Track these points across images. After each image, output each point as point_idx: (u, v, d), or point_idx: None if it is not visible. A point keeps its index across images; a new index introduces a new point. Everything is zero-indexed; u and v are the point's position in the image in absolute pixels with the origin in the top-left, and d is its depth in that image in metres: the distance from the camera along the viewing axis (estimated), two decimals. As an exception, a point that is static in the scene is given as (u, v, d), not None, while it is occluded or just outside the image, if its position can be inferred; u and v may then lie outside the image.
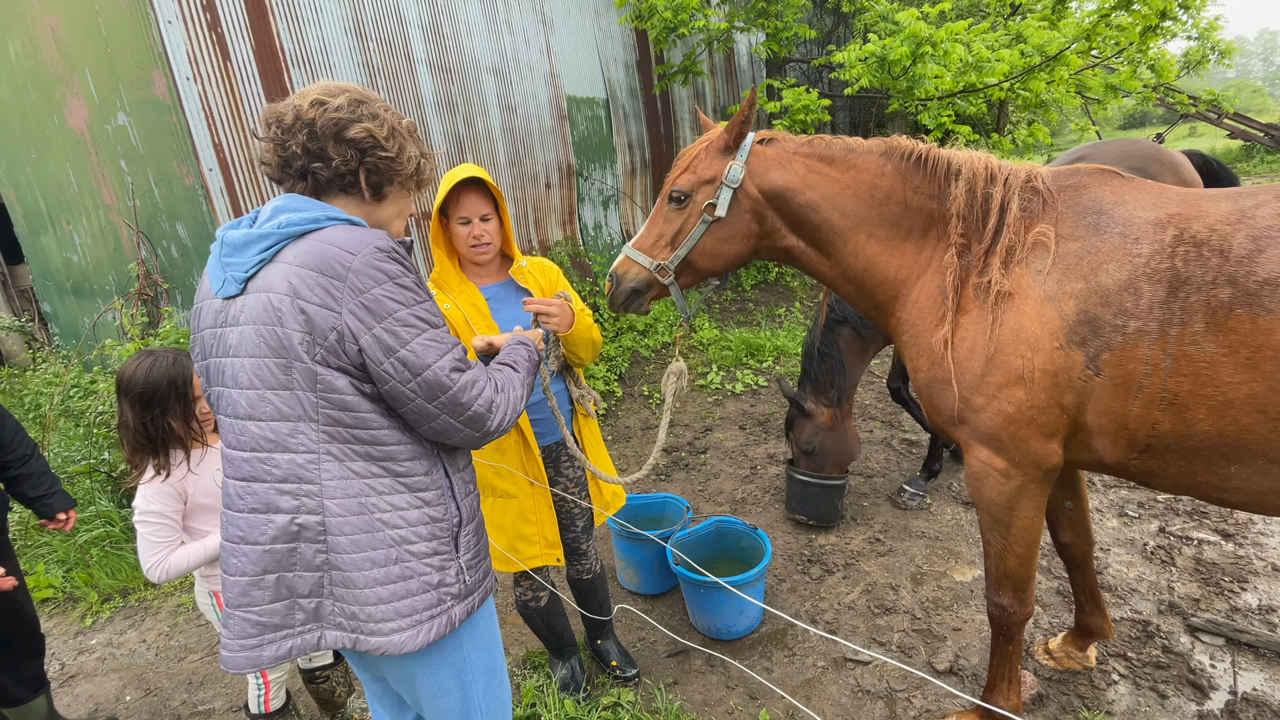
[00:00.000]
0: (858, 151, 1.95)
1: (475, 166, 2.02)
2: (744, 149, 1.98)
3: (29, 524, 3.98)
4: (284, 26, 4.54)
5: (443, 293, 2.08)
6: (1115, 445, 1.67)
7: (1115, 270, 1.59)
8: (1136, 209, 1.64)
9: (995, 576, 1.96)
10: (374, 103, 1.31)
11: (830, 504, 3.45)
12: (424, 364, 1.22)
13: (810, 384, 3.48)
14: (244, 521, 1.26)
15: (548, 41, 6.82)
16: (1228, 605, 2.66)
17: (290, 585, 1.27)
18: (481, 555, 1.43)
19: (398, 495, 1.28)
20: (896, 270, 1.92)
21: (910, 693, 2.41)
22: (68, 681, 3.04)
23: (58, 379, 4.84)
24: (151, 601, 3.56)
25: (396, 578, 1.28)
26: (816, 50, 10.21)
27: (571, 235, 7.23)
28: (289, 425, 1.23)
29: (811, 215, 1.96)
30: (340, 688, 2.44)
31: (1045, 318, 1.66)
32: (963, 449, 1.89)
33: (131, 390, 1.91)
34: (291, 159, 1.25)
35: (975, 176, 1.80)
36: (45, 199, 5.85)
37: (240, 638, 1.27)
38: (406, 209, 1.45)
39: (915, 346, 1.89)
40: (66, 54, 4.82)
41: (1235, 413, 1.47)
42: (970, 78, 6.09)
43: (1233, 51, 9.96)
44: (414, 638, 1.28)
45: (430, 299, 1.28)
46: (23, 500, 2.35)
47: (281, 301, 1.18)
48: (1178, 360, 1.50)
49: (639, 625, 2.91)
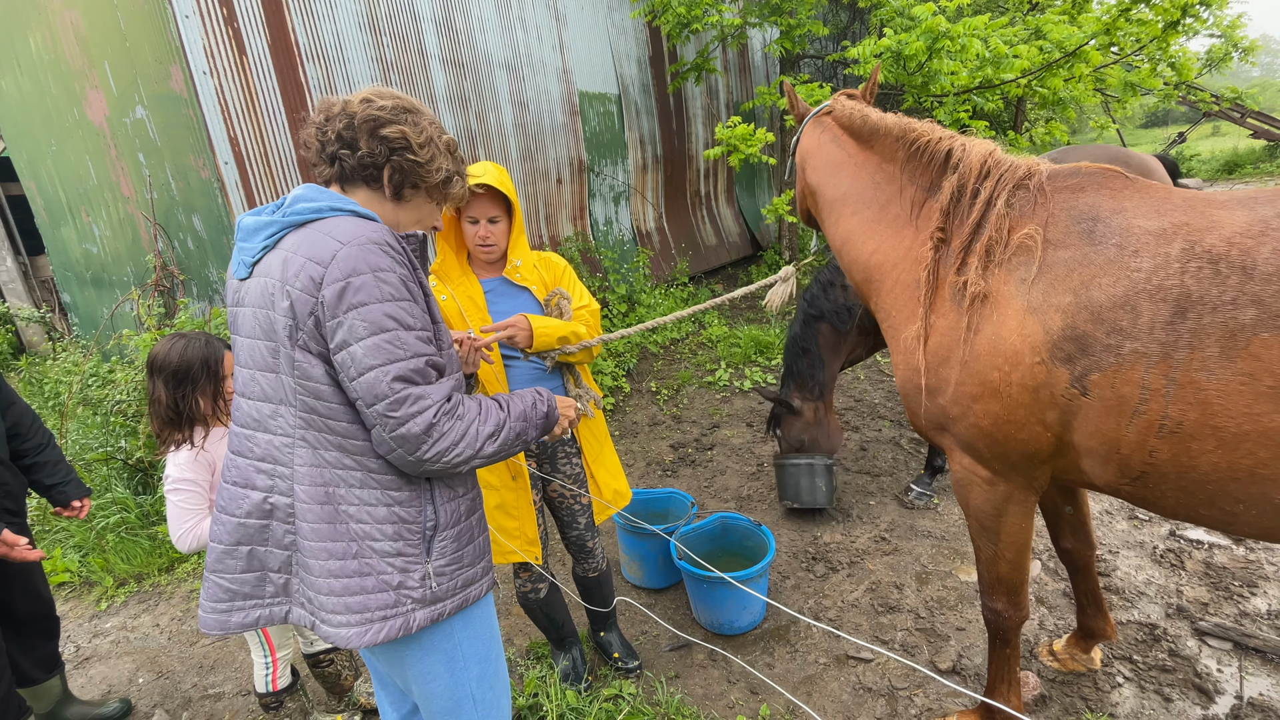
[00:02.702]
0: (880, 131, 1.98)
1: (493, 168, 2.02)
2: (804, 122, 2.31)
3: (47, 510, 4.06)
4: (299, 21, 4.58)
5: (442, 283, 2.10)
6: (1105, 468, 1.53)
7: (1110, 285, 1.44)
8: (1136, 217, 1.49)
9: (988, 582, 1.93)
10: (420, 114, 1.33)
11: (813, 484, 3.46)
12: (367, 365, 1.17)
13: (794, 380, 3.52)
14: (226, 492, 1.33)
15: (560, 37, 6.82)
16: (1236, 610, 2.63)
17: (262, 559, 1.33)
18: (463, 563, 1.37)
19: (368, 490, 1.27)
20: (871, 253, 1.91)
21: (912, 691, 2.41)
22: (82, 663, 3.11)
23: (76, 368, 4.92)
24: (165, 587, 3.63)
25: (353, 572, 1.27)
26: (831, 46, 10.14)
27: (582, 231, 7.24)
28: (271, 407, 1.28)
29: (812, 179, 2.17)
30: (346, 671, 2.47)
31: (1027, 330, 1.53)
32: (947, 455, 1.84)
33: (166, 368, 2.00)
34: (326, 144, 1.30)
35: (969, 171, 1.73)
36: (65, 191, 5.95)
37: (212, 600, 1.33)
38: (429, 219, 1.44)
39: (892, 340, 1.86)
40: (86, 48, 4.90)
41: (1250, 446, 1.30)
42: (987, 73, 6.02)
43: (1256, 49, 9.76)
44: (361, 635, 1.27)
45: (412, 299, 1.24)
46: (38, 488, 2.39)
47: (274, 286, 1.22)
48: (1183, 387, 1.35)
49: (642, 619, 2.93)
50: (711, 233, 9.23)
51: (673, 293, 7.54)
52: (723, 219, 9.49)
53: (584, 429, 2.30)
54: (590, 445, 2.32)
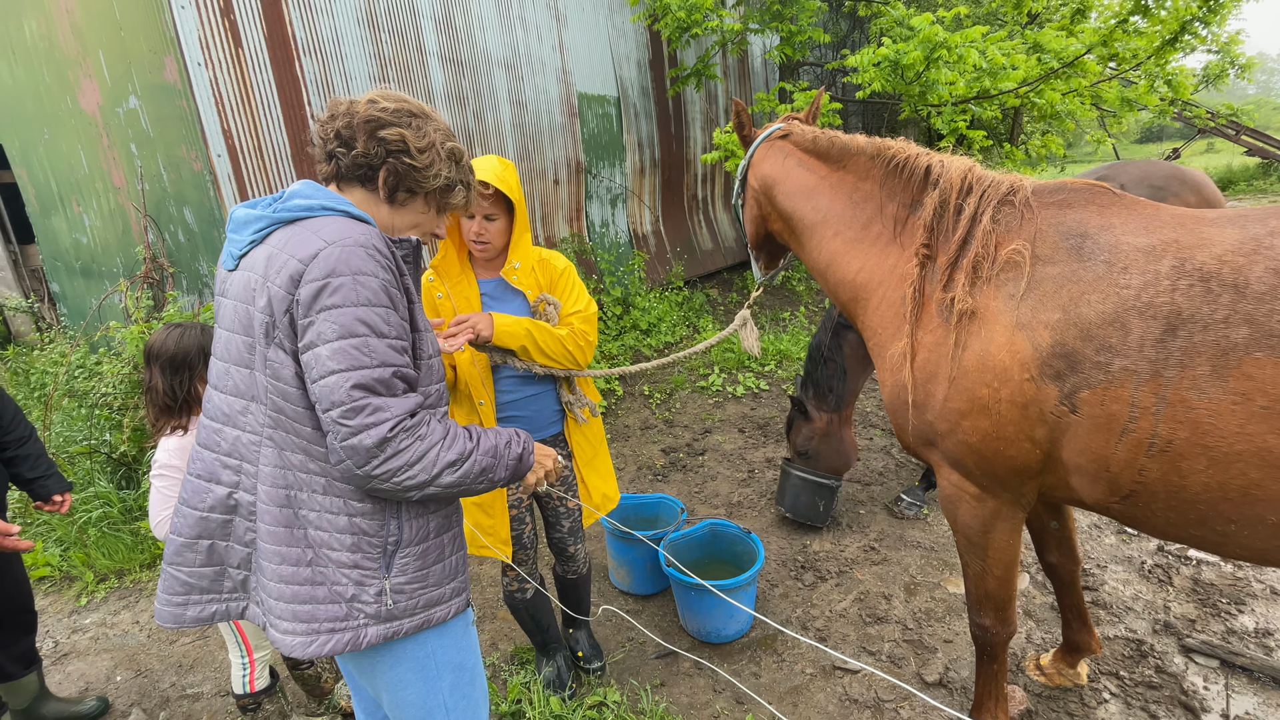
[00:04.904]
0: (851, 151, 2.00)
1: (497, 163, 1.96)
2: (753, 146, 2.34)
3: (28, 503, 4.00)
4: (297, 15, 4.55)
5: (440, 280, 2.09)
6: (1095, 486, 1.52)
7: (1099, 302, 1.44)
8: (1125, 233, 1.48)
9: (976, 597, 1.92)
10: (426, 120, 1.31)
11: (812, 502, 3.41)
12: (329, 368, 1.13)
13: (811, 387, 3.45)
14: (190, 485, 1.31)
15: (560, 37, 6.81)
16: (1224, 627, 2.63)
17: (222, 554, 1.31)
18: (427, 583, 1.31)
19: (330, 498, 1.24)
20: (857, 272, 1.92)
21: (898, 704, 2.39)
22: (60, 659, 3.06)
23: (63, 359, 4.87)
24: (146, 584, 3.58)
25: (305, 580, 1.24)
26: (831, 54, 10.17)
27: (578, 232, 7.22)
28: (242, 403, 1.26)
29: (786, 204, 2.17)
30: (326, 674, 2.44)
31: (1015, 346, 1.52)
32: (934, 470, 1.83)
33: (162, 356, 2.01)
34: (327, 141, 1.29)
35: (950, 187, 1.73)
36: (57, 180, 5.89)
37: (169, 593, 1.32)
38: (427, 225, 1.41)
39: (879, 358, 1.86)
40: (81, 36, 4.85)
41: (1243, 466, 1.28)
42: (985, 83, 6.04)
43: (1253, 67, 9.85)
44: (306, 645, 1.23)
45: (391, 306, 1.19)
46: (19, 482, 2.36)
47: (256, 281, 1.21)
48: (1173, 405, 1.34)
49: (628, 625, 2.91)
50: (708, 237, 9.22)
51: (668, 296, 7.52)
52: (719, 224, 9.49)
53: (577, 433, 2.28)
54: (583, 449, 2.30)
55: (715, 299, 8.42)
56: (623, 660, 2.71)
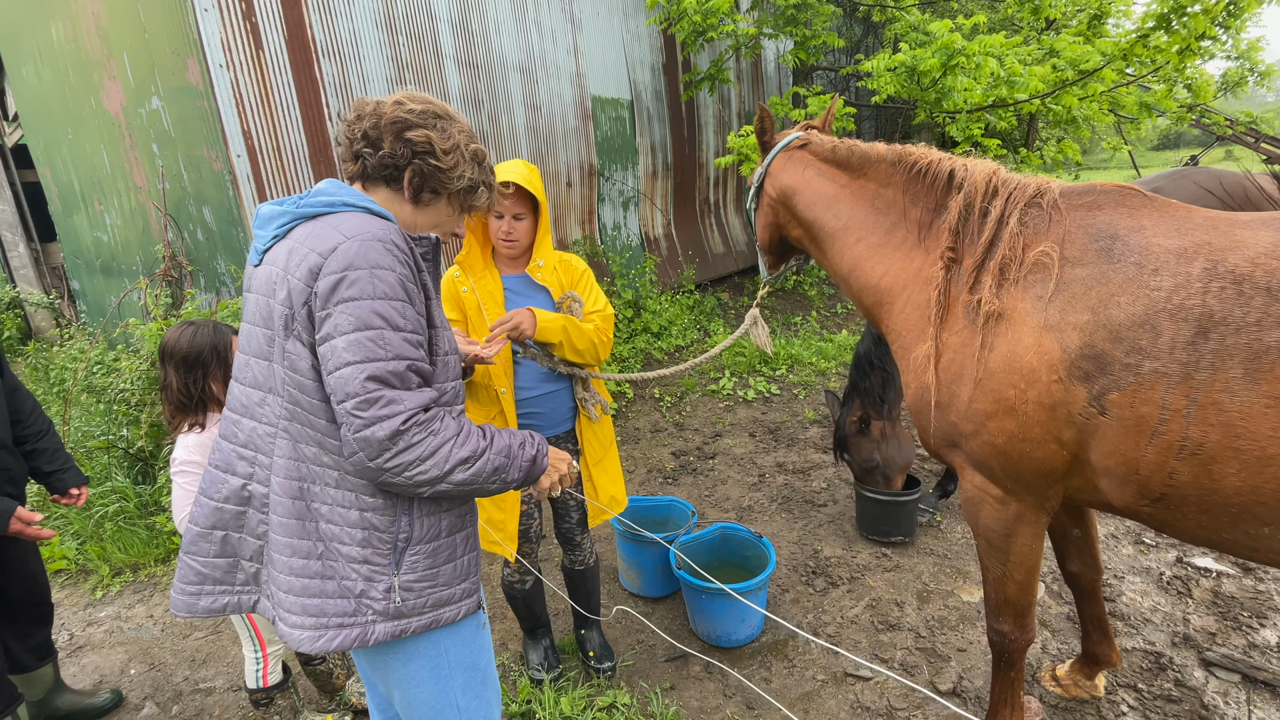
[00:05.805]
0: (872, 159, 2.01)
1: (524, 166, 2.03)
2: (770, 155, 2.35)
3: (45, 496, 4.06)
4: (316, 18, 4.60)
5: (464, 274, 2.14)
6: (1124, 489, 1.51)
7: (1129, 304, 1.43)
8: (1156, 235, 1.47)
9: (995, 603, 1.90)
10: (451, 122, 1.33)
11: (911, 516, 3.43)
12: (345, 360, 1.14)
13: (860, 396, 3.45)
14: (209, 476, 1.33)
15: (575, 41, 6.84)
16: (1245, 641, 2.59)
17: (235, 546, 1.32)
18: (436, 582, 1.30)
19: (342, 492, 1.24)
20: (881, 277, 1.92)
21: (911, 712, 2.37)
22: (75, 652, 3.09)
23: (82, 355, 4.93)
24: (161, 578, 3.61)
25: (315, 573, 1.24)
26: (845, 59, 10.15)
27: (590, 235, 7.24)
28: (260, 394, 1.28)
29: (806, 213, 2.18)
30: (338, 670, 2.45)
31: (1044, 348, 1.51)
32: (957, 473, 1.81)
33: (176, 354, 2.04)
34: (353, 141, 1.31)
35: (975, 190, 1.73)
36: (79, 179, 5.99)
37: (184, 582, 1.33)
38: (449, 224, 1.42)
39: (903, 360, 1.85)
40: (106, 38, 4.93)
41: (1276, 470, 1.28)
42: (1001, 91, 6.00)
43: (1273, 74, 9.73)
44: (314, 640, 1.23)
45: (408, 301, 1.20)
46: (37, 475, 2.39)
47: (277, 275, 1.23)
48: (1204, 408, 1.33)
49: (638, 628, 2.89)
50: (719, 241, 9.22)
51: (679, 299, 7.52)
52: (730, 227, 9.48)
53: (588, 432, 2.30)
54: (593, 448, 2.31)
55: (726, 302, 8.41)
56: (633, 663, 2.70)
